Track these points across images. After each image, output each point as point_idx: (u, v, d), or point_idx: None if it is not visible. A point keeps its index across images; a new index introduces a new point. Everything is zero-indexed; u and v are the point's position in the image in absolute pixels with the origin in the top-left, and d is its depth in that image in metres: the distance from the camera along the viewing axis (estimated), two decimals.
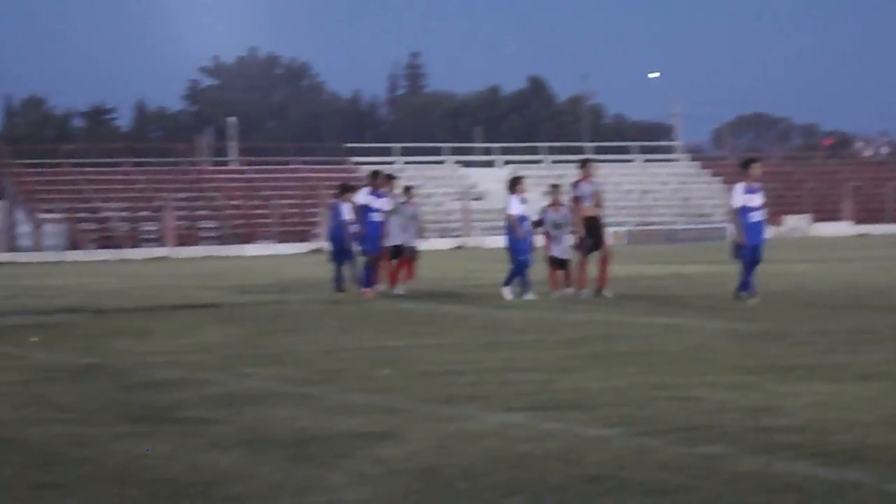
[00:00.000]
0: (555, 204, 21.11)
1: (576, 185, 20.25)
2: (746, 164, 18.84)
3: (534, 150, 76.89)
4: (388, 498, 6.20)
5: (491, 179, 68.96)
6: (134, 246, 57.91)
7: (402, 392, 9.87)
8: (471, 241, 59.12)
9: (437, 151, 73.95)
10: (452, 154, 73.89)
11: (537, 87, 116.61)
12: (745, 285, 18.17)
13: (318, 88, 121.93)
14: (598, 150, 77.97)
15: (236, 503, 6.18)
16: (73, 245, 57.74)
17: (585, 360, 11.72)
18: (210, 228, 62.22)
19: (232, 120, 77.81)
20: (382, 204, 22.05)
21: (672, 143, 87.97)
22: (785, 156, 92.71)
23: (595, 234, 20.04)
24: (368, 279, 21.76)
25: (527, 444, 7.41)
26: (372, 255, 21.83)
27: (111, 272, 37.28)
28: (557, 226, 20.77)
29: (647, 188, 72.51)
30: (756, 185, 18.39)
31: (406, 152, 72.81)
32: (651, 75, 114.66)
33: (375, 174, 22.83)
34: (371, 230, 21.81)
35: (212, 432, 8.15)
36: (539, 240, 21.05)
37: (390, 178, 23.80)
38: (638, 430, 7.80)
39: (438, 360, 12.09)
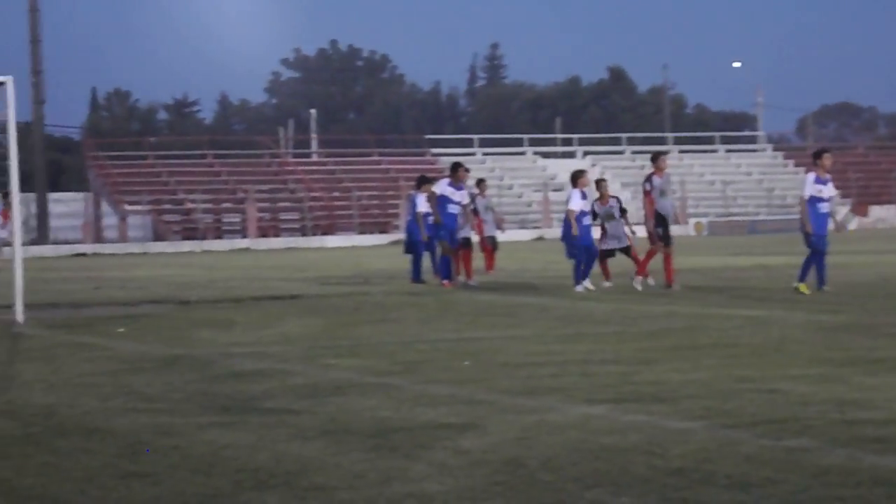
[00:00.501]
0: (603, 198, 21.36)
1: (648, 178, 20.06)
2: (818, 154, 18.80)
3: (614, 141, 76.48)
4: (470, 489, 6.21)
5: (571, 170, 68.83)
6: (217, 237, 58.50)
7: (483, 383, 9.88)
8: (550, 233, 58.92)
9: (516, 143, 73.82)
10: (532, 145, 73.73)
11: (618, 77, 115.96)
12: (804, 273, 18.17)
13: (398, 80, 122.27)
14: (680, 141, 77.37)
15: (320, 493, 6.22)
16: (158, 237, 58.46)
17: (667, 352, 11.66)
18: (291, 220, 62.68)
19: (313, 112, 78.27)
20: (461, 196, 22.07)
21: (755, 133, 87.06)
22: (870, 145, 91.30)
23: (665, 227, 19.85)
24: (446, 271, 21.77)
25: (609, 437, 7.39)
26: (449, 247, 21.85)
27: (195, 263, 37.70)
28: (609, 217, 21.19)
29: (730, 179, 71.79)
30: (827, 176, 18.38)
31: (485, 143, 72.77)
32: (734, 64, 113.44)
33: (456, 166, 22.83)
34: (449, 222, 21.83)
35: (295, 422, 8.23)
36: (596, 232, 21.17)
37: (481, 181, 24.14)
38: (721, 423, 7.74)
39: (519, 351, 12.08)
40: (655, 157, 20.49)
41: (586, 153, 73.61)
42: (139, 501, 6.19)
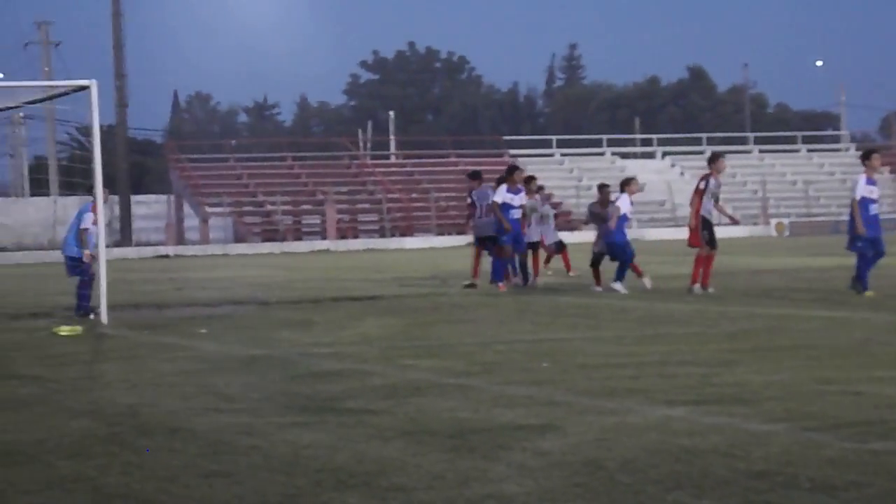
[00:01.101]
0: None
1: (705, 178, 19.58)
2: (867, 155, 18.44)
3: (694, 142, 75.88)
4: (550, 490, 6.20)
5: (650, 171, 68.29)
6: (296, 239, 58.90)
7: (561, 385, 9.86)
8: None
9: (595, 143, 73.52)
10: (611, 146, 73.39)
11: (697, 76, 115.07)
12: (862, 278, 17.83)
13: (476, 81, 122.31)
14: (760, 141, 76.61)
15: (399, 493, 6.24)
16: (238, 238, 59.00)
17: (748, 353, 11.54)
18: (370, 221, 62.95)
19: (391, 114, 78.56)
20: (520, 199, 21.85)
21: (837, 132, 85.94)
22: None
23: (710, 230, 19.43)
24: (499, 273, 21.61)
25: (689, 439, 7.33)
26: (509, 251, 21.77)
27: (275, 264, 38.00)
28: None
29: (811, 178, 70.94)
30: (876, 176, 18.22)
31: (563, 144, 72.56)
32: (816, 63, 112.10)
33: (512, 170, 22.64)
34: (512, 227, 21.70)
35: (375, 423, 8.26)
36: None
37: (531, 178, 23.68)
38: (804, 425, 7.65)
39: (598, 352, 12.03)
40: (714, 158, 20.05)
41: (665, 153, 73.13)
42: (221, 501, 6.25)
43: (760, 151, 74.04)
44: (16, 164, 72.33)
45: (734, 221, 21.99)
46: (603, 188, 22.27)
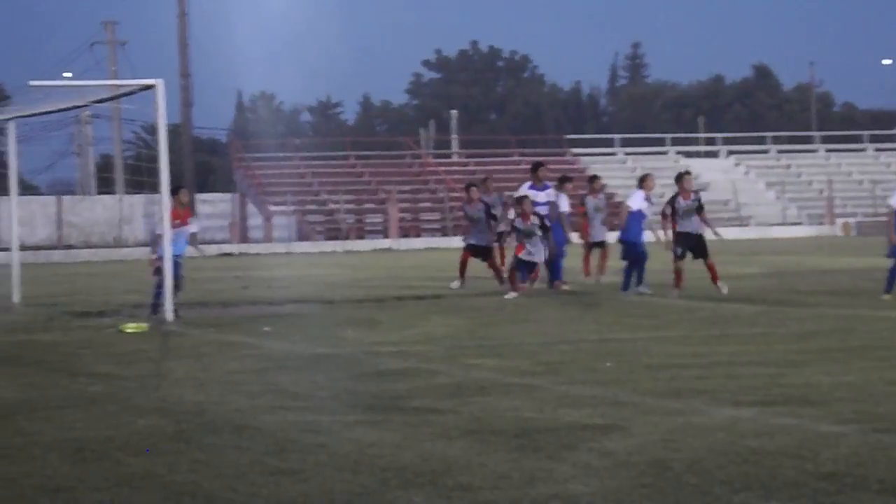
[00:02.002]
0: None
1: (672, 201, 19.41)
2: None
3: (759, 141, 75.23)
4: (616, 490, 6.17)
5: (715, 170, 67.77)
6: (359, 237, 59.07)
7: (626, 384, 9.82)
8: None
9: (658, 142, 73.09)
10: (674, 145, 72.94)
11: (762, 75, 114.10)
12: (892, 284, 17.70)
13: (539, 80, 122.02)
14: (827, 140, 75.81)
15: (465, 493, 6.24)
16: (302, 237, 59.29)
17: (816, 354, 11.44)
18: (432, 220, 63.00)
19: (454, 112, 78.58)
20: (546, 196, 21.65)
21: None
22: None
23: (692, 245, 19.10)
24: (558, 272, 21.44)
25: (757, 440, 7.27)
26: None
27: (338, 263, 38.14)
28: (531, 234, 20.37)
29: (878, 178, 70.08)
30: None
31: (627, 143, 72.19)
32: (884, 62, 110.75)
33: (536, 166, 22.49)
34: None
35: (440, 422, 8.27)
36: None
37: (594, 178, 23.52)
38: (874, 427, 7.56)
39: (663, 352, 11.97)
40: (679, 178, 19.84)
41: (730, 152, 72.57)
42: (288, 498, 6.28)
43: (827, 151, 73.24)
44: (83, 163, 73.12)
45: (716, 234, 21.17)
46: (522, 201, 20.92)
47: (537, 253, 20.22)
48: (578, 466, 6.72)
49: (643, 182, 20.88)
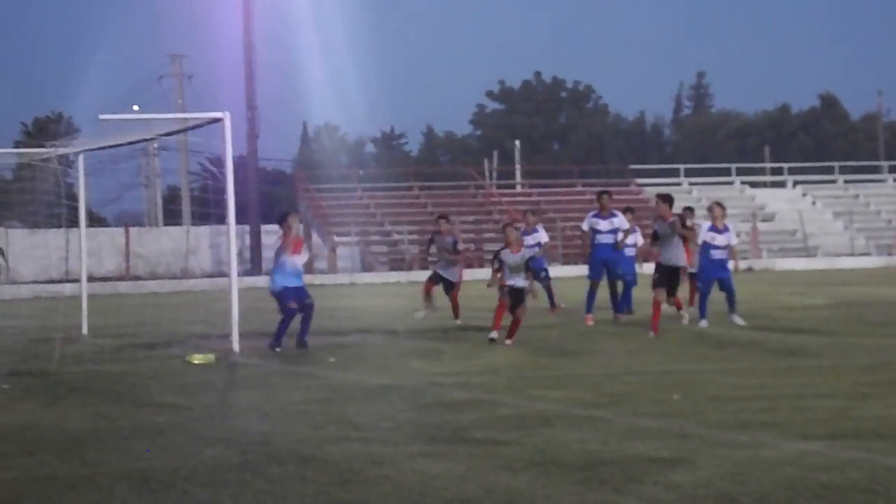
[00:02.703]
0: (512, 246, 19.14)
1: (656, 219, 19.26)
2: None
3: (825, 170, 74.56)
4: None
5: (781, 200, 67.25)
6: (423, 268, 59.13)
7: (692, 417, 9.73)
8: (760, 264, 57.82)
9: (724, 172, 72.64)
10: (740, 174, 72.45)
11: (829, 104, 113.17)
12: None
13: (602, 110, 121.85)
14: (895, 169, 74.99)
15: None
16: (365, 267, 59.51)
17: (885, 386, 11.28)
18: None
19: (517, 143, 78.66)
20: (606, 226, 21.50)
21: None
22: None
23: (664, 275, 18.76)
24: (625, 304, 21.32)
25: (826, 474, 7.18)
26: (592, 280, 21.38)
27: (402, 294, 38.17)
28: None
29: None
30: None
31: (692, 173, 71.83)
32: None
33: (600, 194, 22.38)
34: (593, 253, 21.42)
35: (504, 454, 8.24)
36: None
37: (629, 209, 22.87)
38: None
39: (729, 384, 11.86)
40: (660, 202, 19.56)
41: (796, 182, 71.99)
42: None
43: (895, 180, 72.45)
44: (150, 195, 73.97)
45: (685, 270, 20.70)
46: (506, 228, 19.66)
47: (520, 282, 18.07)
48: (644, 500, 6.67)
49: (712, 212, 20.83)
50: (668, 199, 19.55)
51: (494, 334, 17.42)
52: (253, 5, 57.25)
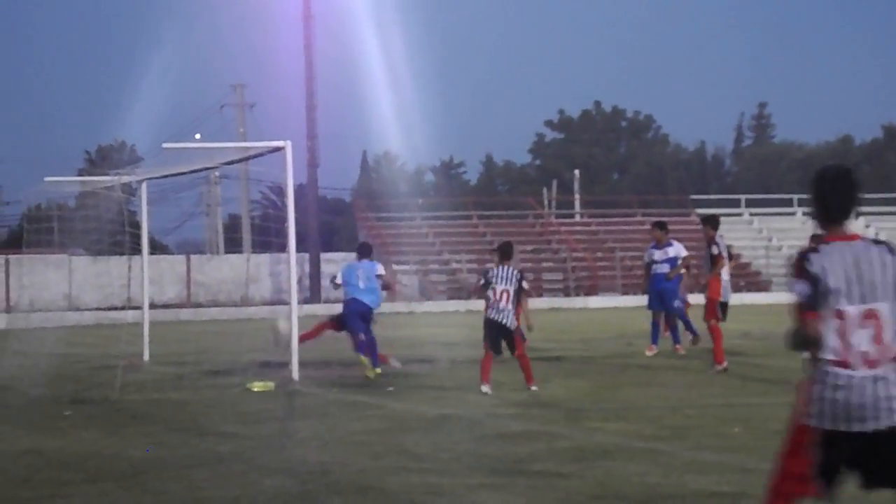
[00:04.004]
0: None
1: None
2: None
3: (889, 202, 73.81)
4: None
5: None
6: (481, 297, 59.19)
7: (755, 451, 9.64)
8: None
9: (785, 203, 72.14)
10: (801, 205, 71.88)
11: (893, 135, 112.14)
12: None
13: (662, 140, 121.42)
14: None
15: None
16: (424, 296, 59.59)
17: None
18: (554, 280, 62.85)
19: (576, 172, 78.57)
20: (661, 255, 21.37)
21: None
22: None
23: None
24: (653, 335, 21.12)
25: None
26: (652, 311, 21.22)
27: (460, 323, 38.17)
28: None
29: None
30: None
31: (752, 203, 71.39)
32: None
33: (655, 225, 22.32)
34: (650, 284, 21.26)
35: (563, 486, 8.20)
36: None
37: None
38: None
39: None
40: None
41: (859, 214, 71.20)
42: None
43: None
44: (211, 223, 74.54)
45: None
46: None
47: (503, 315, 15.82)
48: None
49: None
50: (710, 221, 19.45)
51: (486, 388, 14.94)
52: (313, 35, 57.68)
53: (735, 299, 22.80)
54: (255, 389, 15.71)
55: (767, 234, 67.75)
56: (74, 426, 12.49)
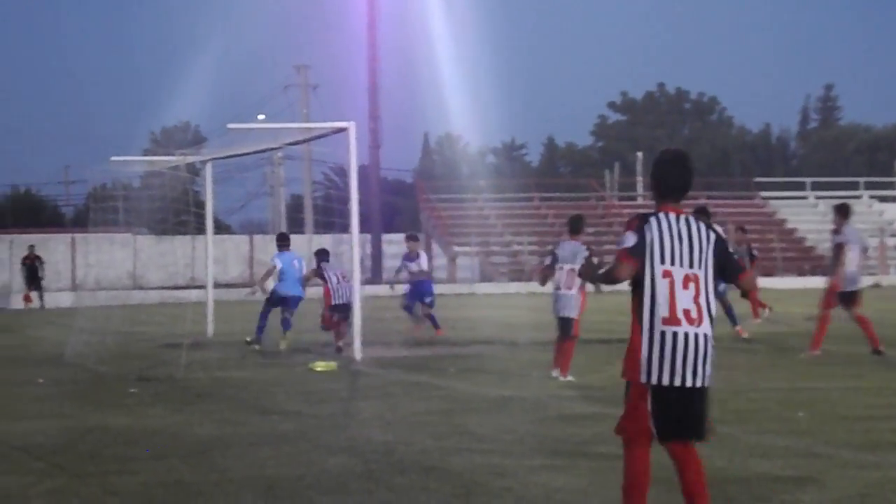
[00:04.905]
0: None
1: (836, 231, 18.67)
2: None
3: None
4: None
5: None
6: (542, 283, 59.11)
7: (820, 435, 9.56)
8: (887, 280, 56.64)
9: (851, 186, 71.33)
10: (868, 189, 71.08)
11: None
12: None
13: (726, 123, 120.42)
14: None
15: None
16: (485, 277, 59.57)
17: None
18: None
19: (639, 155, 78.17)
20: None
21: None
22: None
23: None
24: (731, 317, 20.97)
25: None
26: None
27: (522, 305, 38.14)
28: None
29: None
30: None
31: (818, 187, 70.68)
32: None
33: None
34: None
35: None
36: None
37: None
38: None
39: (858, 403, 11.62)
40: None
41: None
42: None
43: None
44: (274, 203, 74.89)
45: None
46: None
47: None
48: None
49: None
50: (841, 210, 19.18)
51: (555, 373, 14.60)
52: (377, 17, 57.77)
53: (799, 283, 22.66)
54: (318, 369, 15.79)
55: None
56: (140, 403, 12.63)
